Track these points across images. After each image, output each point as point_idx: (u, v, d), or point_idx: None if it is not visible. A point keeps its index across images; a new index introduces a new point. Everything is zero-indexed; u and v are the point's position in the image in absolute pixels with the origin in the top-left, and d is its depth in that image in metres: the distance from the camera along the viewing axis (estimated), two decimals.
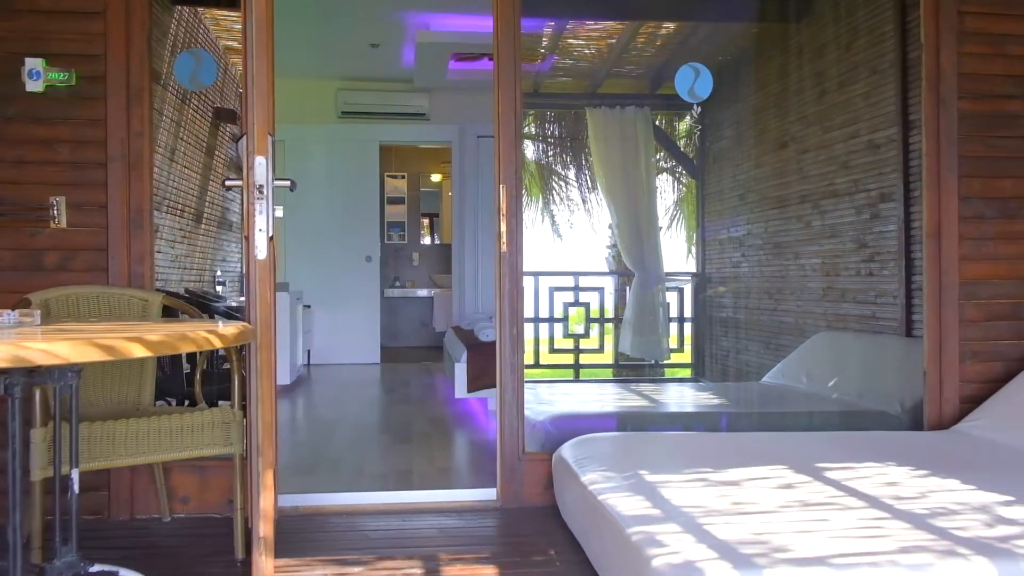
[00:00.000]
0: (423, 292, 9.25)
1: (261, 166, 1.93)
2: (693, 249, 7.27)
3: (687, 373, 7.05)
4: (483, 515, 2.83)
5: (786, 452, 2.54)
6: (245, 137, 1.96)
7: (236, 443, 2.31)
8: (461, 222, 7.53)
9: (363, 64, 7.06)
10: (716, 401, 3.81)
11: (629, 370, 6.93)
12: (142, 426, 2.20)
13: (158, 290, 2.74)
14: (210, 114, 4.55)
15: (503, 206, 2.86)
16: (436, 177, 9.65)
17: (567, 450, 2.63)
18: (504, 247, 2.87)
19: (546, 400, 3.69)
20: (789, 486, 2.16)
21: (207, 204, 4.97)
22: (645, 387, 4.54)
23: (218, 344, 1.51)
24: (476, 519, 2.79)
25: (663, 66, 6.59)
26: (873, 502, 1.99)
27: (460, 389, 4.63)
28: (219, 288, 4.88)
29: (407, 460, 3.56)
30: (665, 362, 6.90)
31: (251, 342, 1.96)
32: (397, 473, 3.34)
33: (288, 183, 2.04)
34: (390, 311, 9.26)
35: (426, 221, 9.74)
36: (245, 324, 1.77)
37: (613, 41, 6.02)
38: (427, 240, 9.75)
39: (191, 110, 4.36)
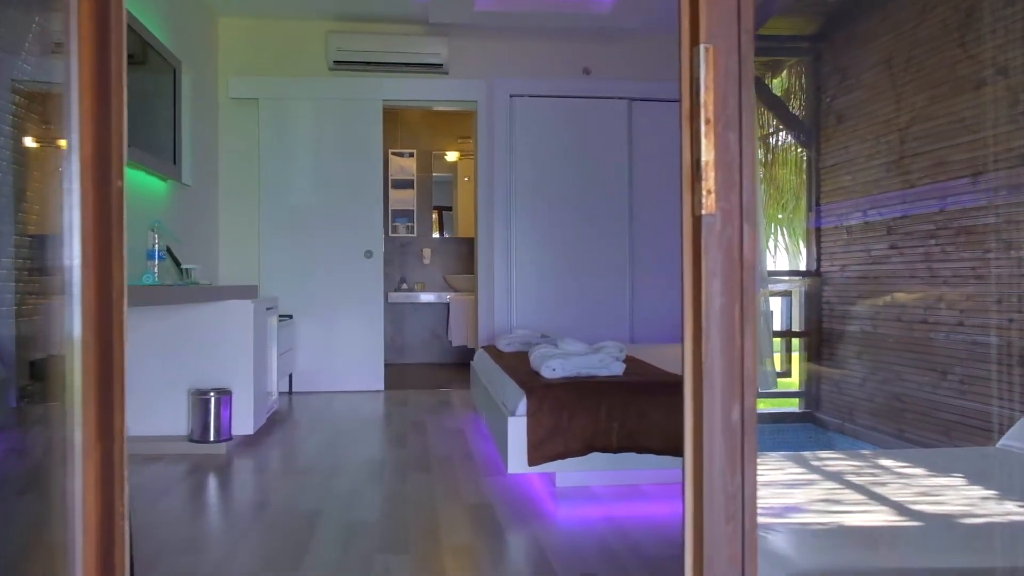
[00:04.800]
0: (436, 297, 7.52)
1: None
2: (772, 241, 5.72)
3: (793, 405, 5.42)
4: None
5: None
6: None
7: None
8: (489, 208, 5.76)
9: None
10: (1011, 509, 2.07)
11: None
12: None
13: None
14: None
15: (707, 99, 1.10)
16: (452, 155, 7.87)
17: None
18: (707, 204, 1.11)
19: None
20: None
21: None
22: (833, 462, 2.76)
23: None
24: None
25: None
26: None
27: (516, 460, 2.87)
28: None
29: None
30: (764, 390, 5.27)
31: None
32: None
33: None
34: (395, 320, 7.58)
35: (436, 215, 7.97)
36: None
37: None
38: (440, 233, 7.98)
39: None
